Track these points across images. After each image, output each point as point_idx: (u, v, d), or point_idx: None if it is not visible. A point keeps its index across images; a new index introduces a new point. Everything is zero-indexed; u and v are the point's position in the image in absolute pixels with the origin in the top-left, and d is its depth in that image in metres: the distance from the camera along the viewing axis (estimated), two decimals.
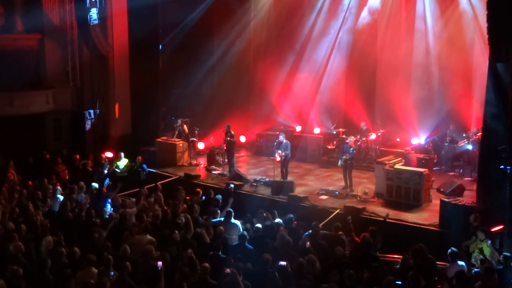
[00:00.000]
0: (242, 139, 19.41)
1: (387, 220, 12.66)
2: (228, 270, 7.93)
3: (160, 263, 8.23)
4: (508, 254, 8.99)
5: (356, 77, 20.02)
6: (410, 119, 18.40)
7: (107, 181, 15.18)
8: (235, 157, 17.73)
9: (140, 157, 16.89)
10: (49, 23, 19.03)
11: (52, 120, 19.50)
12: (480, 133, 14.71)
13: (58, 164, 16.01)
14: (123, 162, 16.70)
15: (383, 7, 19.23)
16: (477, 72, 16.99)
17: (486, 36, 11.29)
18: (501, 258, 9.09)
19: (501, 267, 8.81)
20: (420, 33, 18.52)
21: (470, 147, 16.22)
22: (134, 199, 12.87)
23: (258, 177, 16.00)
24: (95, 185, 13.49)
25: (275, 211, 11.81)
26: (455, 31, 17.82)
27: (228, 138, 16.90)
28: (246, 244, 9.59)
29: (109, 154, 17.53)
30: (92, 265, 8.27)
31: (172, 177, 16.43)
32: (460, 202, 12.07)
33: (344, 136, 18.33)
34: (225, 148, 17.30)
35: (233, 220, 11.01)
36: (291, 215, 11.32)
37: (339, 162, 15.43)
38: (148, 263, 8.41)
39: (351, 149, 15.29)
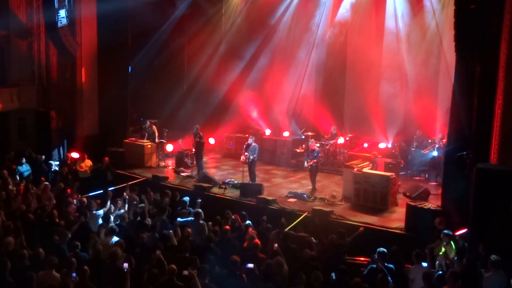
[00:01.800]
0: (211, 141, 19.32)
1: (355, 223, 12.73)
2: (185, 272, 7.85)
3: (126, 264, 8.11)
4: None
5: (325, 83, 20.27)
6: (378, 124, 18.66)
7: None
8: (204, 159, 17.60)
9: (107, 158, 16.62)
10: (16, 20, 18.54)
11: (16, 118, 19.01)
12: (445, 139, 15.00)
13: (22, 164, 15.62)
14: (86, 164, 16.42)
15: (353, 14, 19.45)
16: (443, 80, 17.34)
17: (450, 45, 11.52)
18: (464, 261, 9.24)
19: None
20: (389, 42, 18.76)
21: (435, 153, 16.50)
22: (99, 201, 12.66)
23: (226, 180, 15.97)
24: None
25: (245, 213, 11.76)
26: (422, 41, 18.18)
27: (197, 139, 16.80)
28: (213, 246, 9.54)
29: (75, 155, 17.23)
30: (53, 267, 8.07)
31: (140, 178, 16.22)
32: (425, 206, 12.26)
33: (312, 140, 18.42)
34: (193, 150, 17.19)
35: (201, 221, 10.95)
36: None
37: (305, 164, 15.42)
38: (114, 265, 8.26)
39: (316, 151, 15.30)
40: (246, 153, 15.73)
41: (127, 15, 18.42)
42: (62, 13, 17.41)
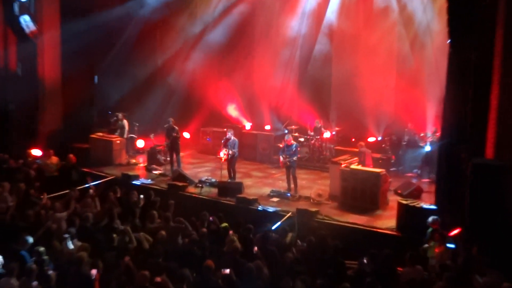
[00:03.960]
0: (186, 135, 19.21)
1: (343, 223, 12.79)
2: (158, 279, 7.80)
3: (94, 271, 8.02)
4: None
5: (310, 74, 20.39)
6: (367, 117, 18.82)
7: None
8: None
9: (71, 155, 16.43)
10: None
11: None
12: (438, 133, 15.11)
13: None
14: (53, 161, 16.23)
15: (340, 2, 19.55)
16: (434, 68, 17.48)
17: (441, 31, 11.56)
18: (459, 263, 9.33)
19: None
20: (379, 29, 18.88)
21: (428, 148, 16.62)
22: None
23: (203, 178, 15.90)
24: None
25: (222, 215, 11.74)
26: (412, 27, 18.40)
27: (174, 134, 16.67)
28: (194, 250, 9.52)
29: (36, 152, 17.01)
30: (12, 274, 7.96)
31: (108, 177, 16.11)
32: (417, 204, 12.33)
33: (296, 134, 18.51)
34: (168, 145, 17.00)
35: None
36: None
37: (280, 158, 15.31)
38: (80, 272, 8.17)
39: (293, 146, 15.21)
40: (225, 149, 15.67)
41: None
42: (27, 18, 17.20)
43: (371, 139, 18.34)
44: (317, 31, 20.10)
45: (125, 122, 18.51)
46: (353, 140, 18.51)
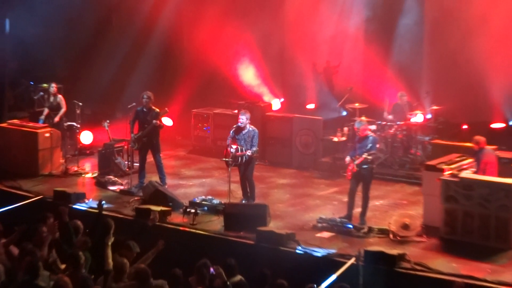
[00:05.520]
0: (167, 122, 19.24)
1: (448, 277, 12.59)
2: None
3: None
4: None
5: (385, 16, 20.91)
6: (489, 90, 18.88)
7: None
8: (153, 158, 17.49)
9: None
10: None
11: None
12: None
13: None
14: None
15: None
16: None
17: None
18: None
19: None
20: None
21: None
22: None
23: (198, 198, 16.00)
24: None
25: (233, 262, 11.59)
26: None
27: (155, 122, 16.65)
28: None
29: None
30: None
31: (31, 197, 16.22)
32: None
33: (363, 118, 18.32)
34: (135, 141, 16.97)
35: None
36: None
37: (348, 162, 15.12)
38: None
39: (370, 140, 15.06)
40: (234, 146, 15.63)
41: None
42: None
43: (497, 126, 18.45)
44: None
45: (61, 98, 18.73)
46: (465, 127, 18.50)
